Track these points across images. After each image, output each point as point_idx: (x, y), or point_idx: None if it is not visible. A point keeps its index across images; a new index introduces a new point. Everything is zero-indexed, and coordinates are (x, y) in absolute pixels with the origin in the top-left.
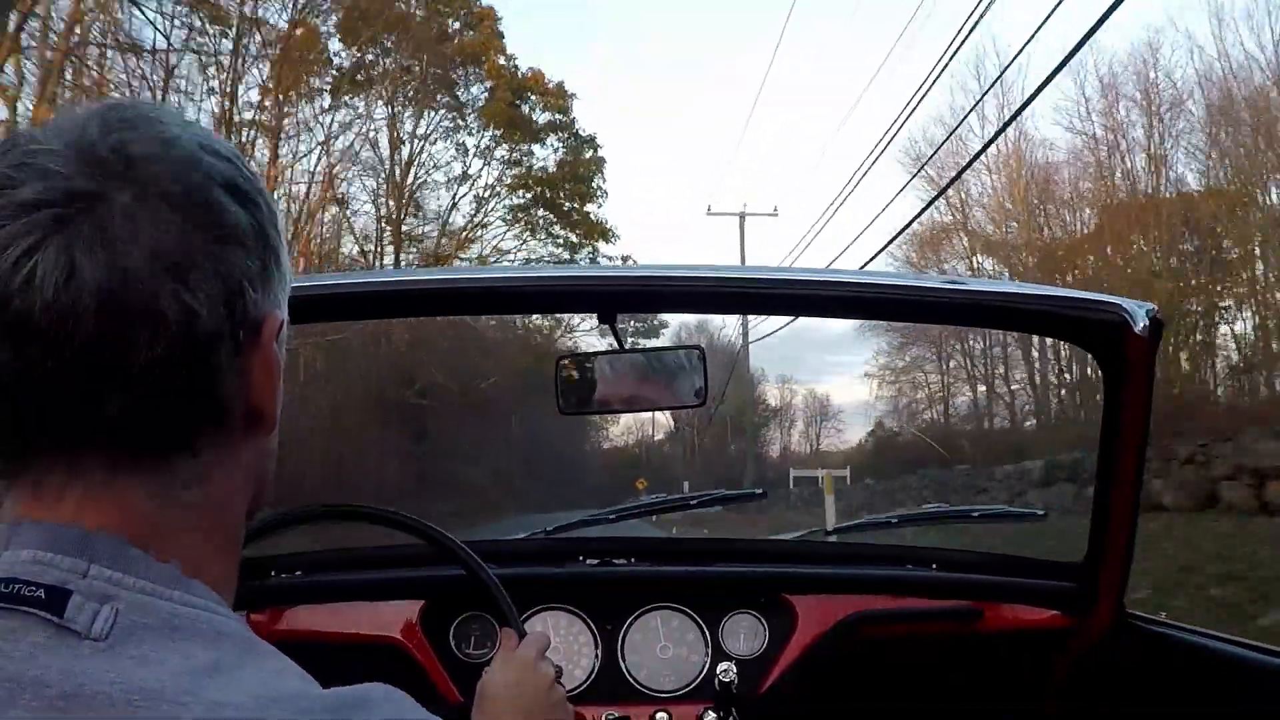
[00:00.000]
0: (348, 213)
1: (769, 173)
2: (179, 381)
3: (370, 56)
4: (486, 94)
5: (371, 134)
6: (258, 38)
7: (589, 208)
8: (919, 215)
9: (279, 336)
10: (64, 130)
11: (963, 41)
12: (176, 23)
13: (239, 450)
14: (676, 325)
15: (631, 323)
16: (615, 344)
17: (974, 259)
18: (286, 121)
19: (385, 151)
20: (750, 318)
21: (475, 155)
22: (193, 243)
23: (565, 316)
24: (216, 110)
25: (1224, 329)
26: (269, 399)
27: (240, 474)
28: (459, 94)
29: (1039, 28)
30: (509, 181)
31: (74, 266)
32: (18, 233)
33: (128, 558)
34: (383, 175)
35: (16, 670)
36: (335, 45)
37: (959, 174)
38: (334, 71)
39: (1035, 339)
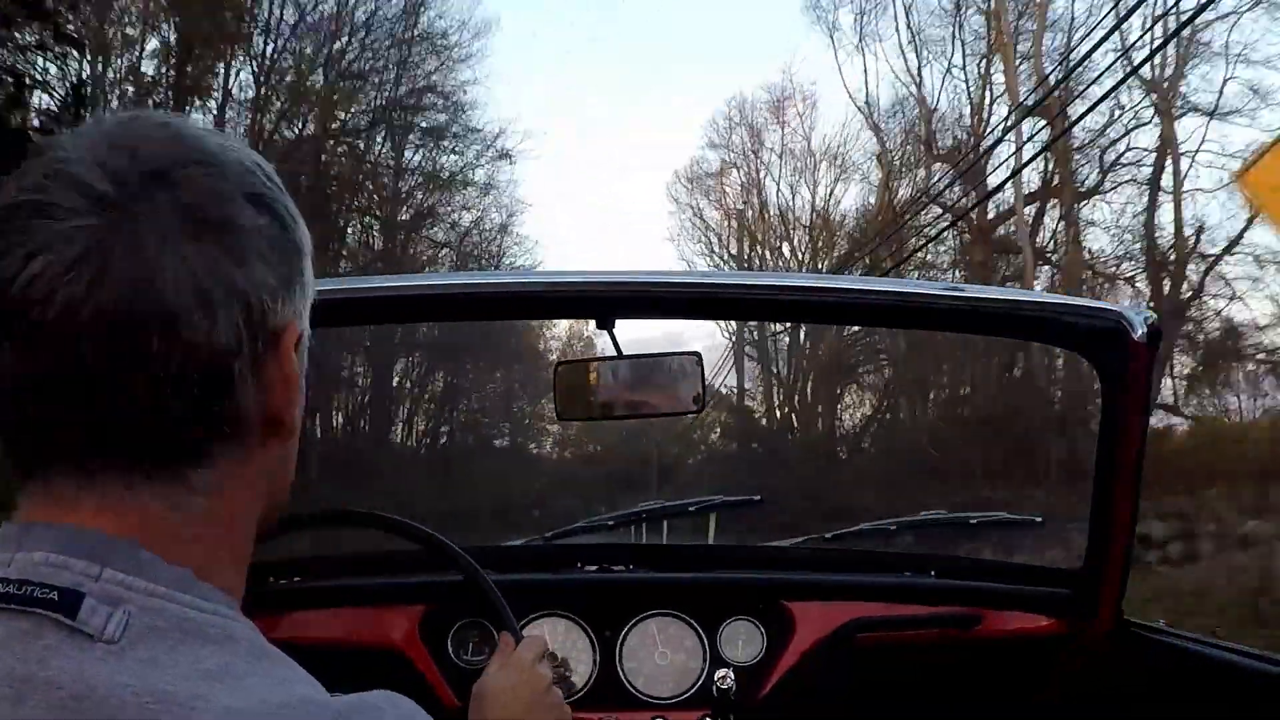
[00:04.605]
0: None
1: None
2: (194, 395)
3: None
4: None
5: None
6: None
7: None
8: None
9: (299, 346)
10: (92, 139)
11: None
12: None
13: (256, 458)
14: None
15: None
16: (614, 349)
17: None
18: None
19: None
20: None
21: None
22: (213, 257)
23: None
24: None
25: None
26: (288, 407)
27: (257, 480)
28: None
29: None
30: None
31: (90, 277)
32: (39, 243)
33: (140, 561)
34: None
35: (28, 671)
36: None
37: None
38: None
39: None
